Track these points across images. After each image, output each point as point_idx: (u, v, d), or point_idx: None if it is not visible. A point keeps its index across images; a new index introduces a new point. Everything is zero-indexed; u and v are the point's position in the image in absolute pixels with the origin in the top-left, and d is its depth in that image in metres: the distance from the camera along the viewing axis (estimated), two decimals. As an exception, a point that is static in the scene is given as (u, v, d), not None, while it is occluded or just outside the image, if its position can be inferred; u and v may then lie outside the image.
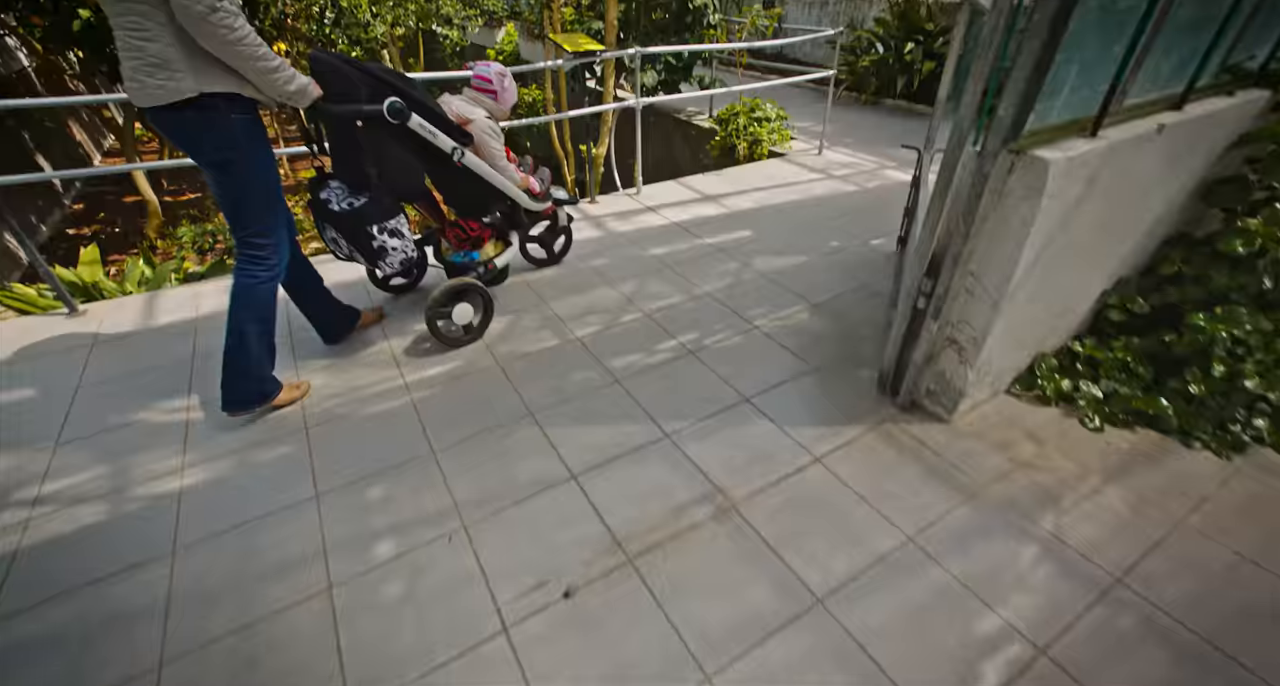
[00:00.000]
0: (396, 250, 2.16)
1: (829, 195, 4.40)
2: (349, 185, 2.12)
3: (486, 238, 2.67)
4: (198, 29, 1.44)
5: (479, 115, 2.36)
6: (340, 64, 1.95)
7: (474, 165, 2.29)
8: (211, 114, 1.61)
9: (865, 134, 6.05)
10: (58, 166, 8.61)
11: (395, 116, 1.95)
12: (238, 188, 1.79)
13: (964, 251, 1.81)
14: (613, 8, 4.19)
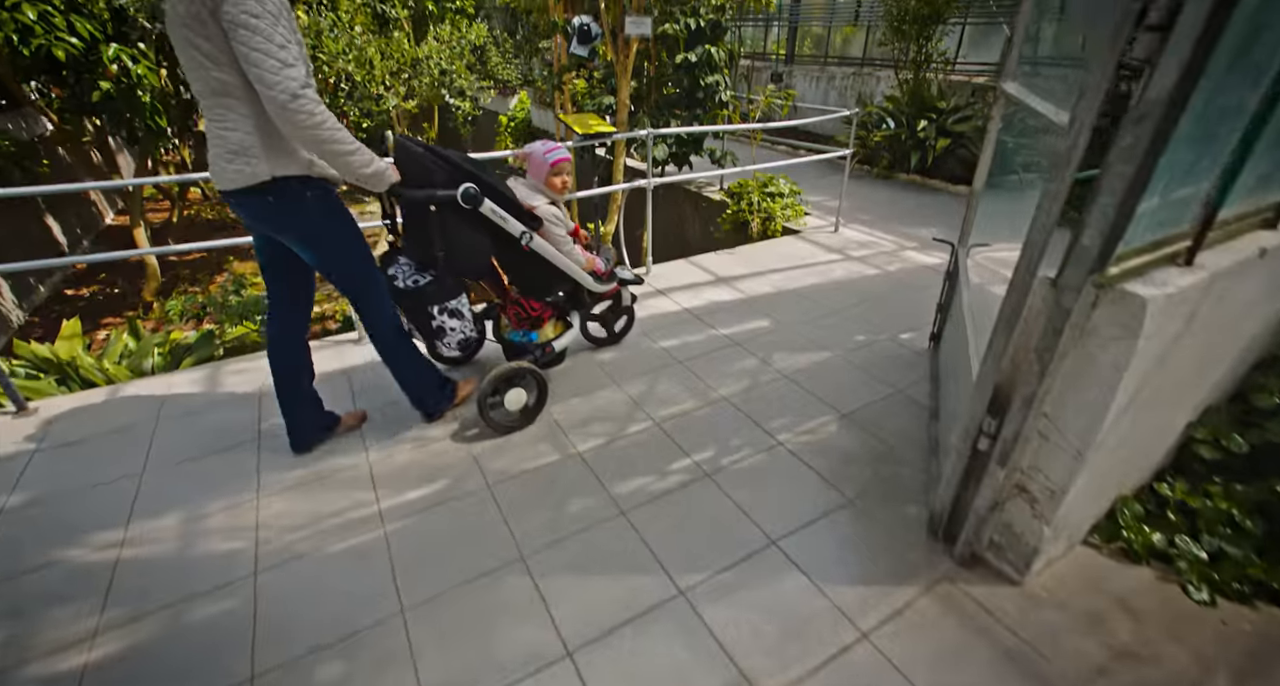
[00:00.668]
0: (455, 331, 2.18)
1: (849, 279, 4.18)
2: (417, 263, 2.16)
3: (547, 318, 2.63)
4: (280, 116, 1.50)
5: (541, 202, 2.38)
6: (418, 149, 2.00)
7: (541, 249, 2.30)
8: (285, 196, 1.69)
9: (881, 210, 5.92)
10: (68, 227, 8.64)
11: (468, 202, 1.98)
12: (328, 259, 1.88)
13: (1038, 392, 1.52)
14: (624, 86, 4.14)
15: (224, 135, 1.59)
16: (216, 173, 1.66)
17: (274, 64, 1.46)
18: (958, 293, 2.84)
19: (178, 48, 1.54)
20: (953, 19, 7.31)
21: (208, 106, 1.59)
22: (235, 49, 1.46)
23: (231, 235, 10.33)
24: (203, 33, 1.46)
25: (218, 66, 1.51)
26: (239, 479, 2.23)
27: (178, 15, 1.47)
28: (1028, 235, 1.48)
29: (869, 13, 9.51)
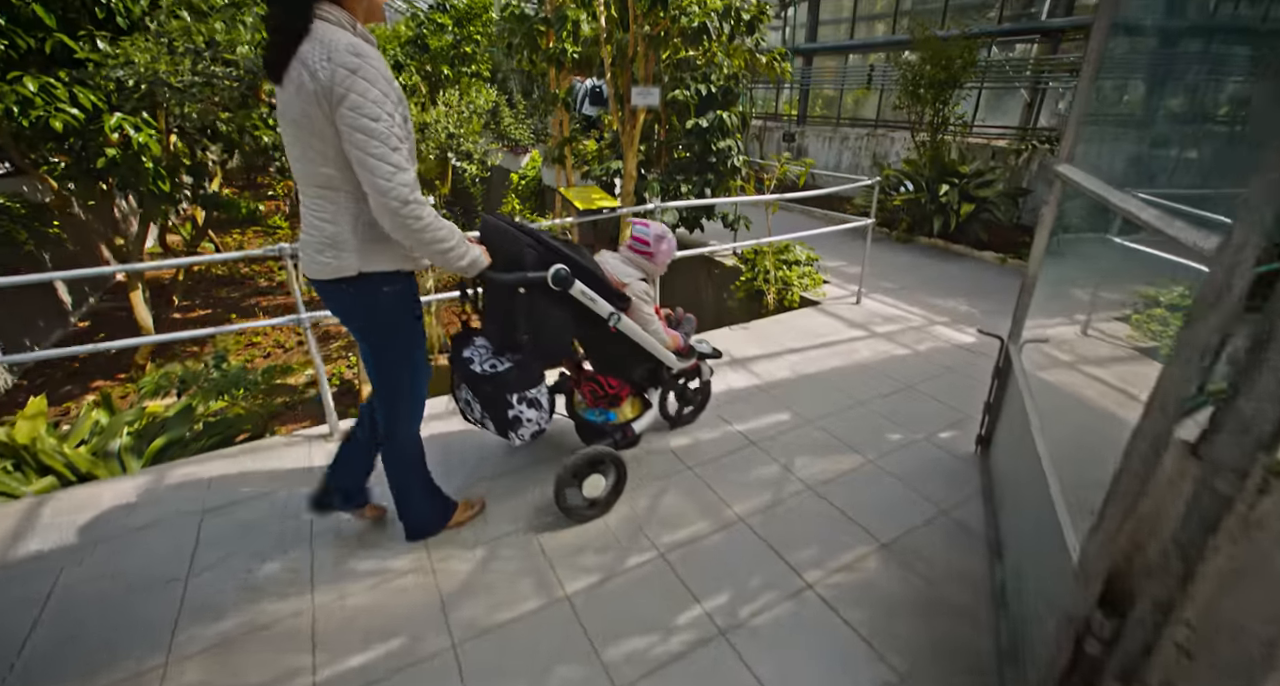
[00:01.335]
0: (531, 422, 2.05)
1: (875, 361, 3.80)
2: (495, 346, 2.08)
3: (625, 395, 2.47)
4: (390, 220, 1.49)
5: (634, 279, 2.30)
6: (508, 228, 1.94)
7: (628, 329, 2.20)
8: (366, 290, 1.67)
9: (903, 278, 5.60)
10: (76, 284, 8.58)
11: (559, 284, 1.89)
12: (382, 350, 1.81)
13: (1177, 597, 1.11)
14: (631, 156, 3.93)
15: (320, 226, 1.59)
16: (306, 260, 1.66)
17: (388, 170, 1.42)
18: (1011, 394, 2.46)
19: (287, 140, 1.54)
20: (969, 83, 7.20)
21: (307, 195, 1.59)
22: (348, 150, 1.43)
23: (241, 290, 10.30)
24: (316, 131, 1.44)
25: (326, 163, 1.49)
26: (148, 636, 1.83)
27: (291, 113, 1.45)
28: (1156, 386, 1.11)
29: (881, 76, 9.52)
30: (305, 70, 1.38)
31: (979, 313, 4.66)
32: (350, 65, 1.37)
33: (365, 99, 1.39)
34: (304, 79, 1.39)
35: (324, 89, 1.38)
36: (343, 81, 1.37)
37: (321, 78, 1.37)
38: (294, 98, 1.42)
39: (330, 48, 1.37)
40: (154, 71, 4.12)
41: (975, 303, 4.90)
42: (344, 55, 1.37)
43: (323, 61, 1.37)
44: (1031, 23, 7.32)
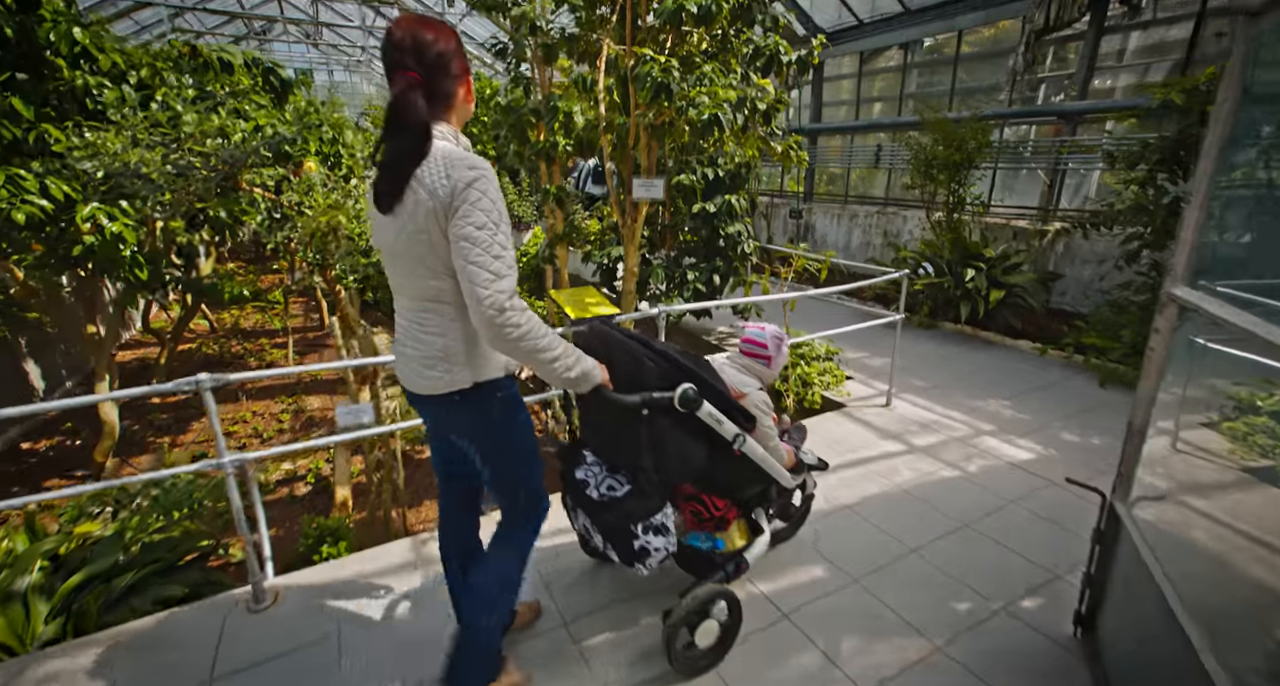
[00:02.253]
0: (659, 550, 1.87)
1: (919, 485, 3.22)
2: (608, 463, 1.97)
3: (732, 518, 2.22)
4: (487, 328, 1.41)
5: (752, 389, 2.14)
6: (621, 338, 1.80)
7: (752, 452, 1.98)
8: (480, 400, 1.61)
9: (934, 372, 5.08)
10: (51, 368, 8.20)
11: (686, 406, 1.71)
12: (496, 457, 1.70)
13: None
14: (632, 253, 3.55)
15: (429, 340, 1.55)
16: (410, 376, 1.60)
17: (487, 277, 1.38)
18: (1125, 565, 1.89)
19: (388, 258, 1.53)
20: (983, 163, 6.99)
21: (413, 309, 1.56)
22: (454, 261, 1.42)
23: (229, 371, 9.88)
24: (431, 245, 1.43)
25: (437, 276, 1.48)
26: None
27: (402, 234, 1.44)
28: None
29: (890, 156, 9.43)
30: (423, 189, 1.38)
31: (1029, 418, 4.10)
32: (468, 178, 1.38)
33: (476, 208, 1.38)
34: (421, 197, 1.38)
35: (443, 204, 1.38)
36: (460, 193, 1.38)
37: (441, 194, 1.37)
38: (407, 219, 1.41)
39: (449, 163, 1.39)
40: (124, 163, 3.86)
41: (1021, 404, 4.35)
42: (463, 169, 1.38)
43: (442, 178, 1.38)
44: (1048, 106, 7.20)
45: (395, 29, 1.42)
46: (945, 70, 8.60)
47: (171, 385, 2.08)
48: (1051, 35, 6.76)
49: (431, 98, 1.43)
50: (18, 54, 4.45)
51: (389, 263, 1.55)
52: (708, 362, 1.95)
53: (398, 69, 1.41)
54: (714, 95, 2.53)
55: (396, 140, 1.41)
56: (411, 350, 1.58)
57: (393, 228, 1.45)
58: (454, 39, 1.47)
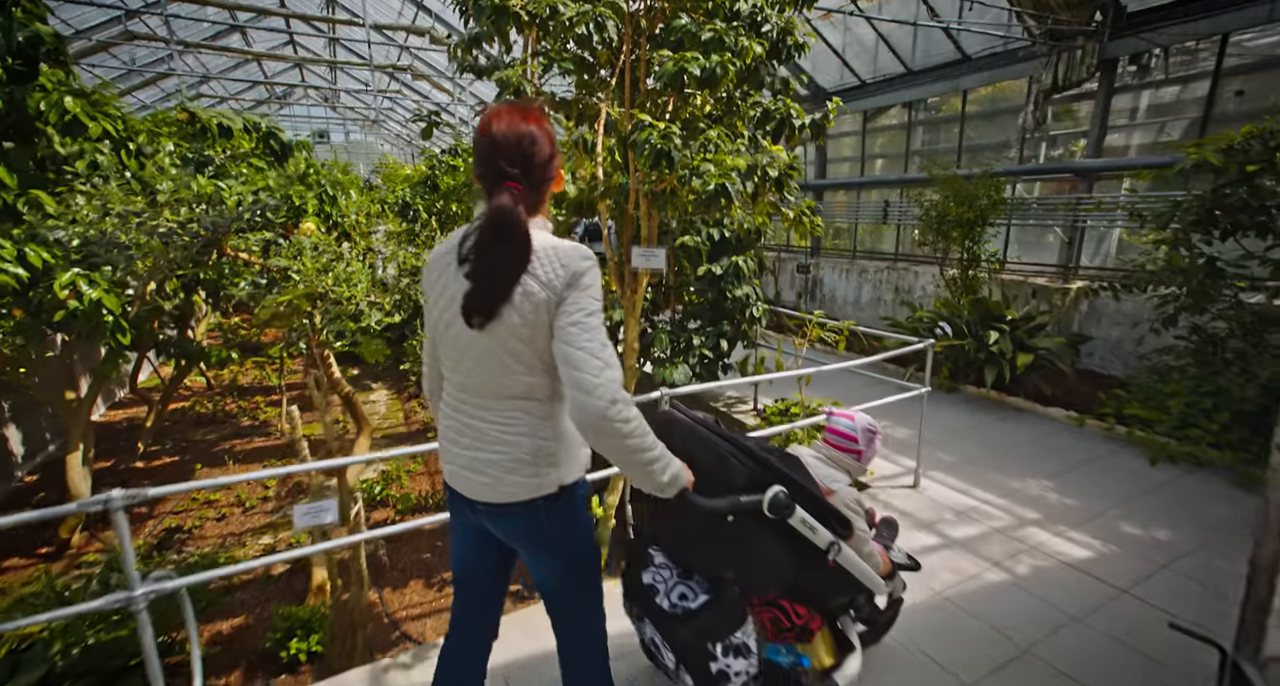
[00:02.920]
0: (740, 674, 1.66)
1: (962, 593, 2.79)
2: (681, 568, 1.77)
3: (815, 627, 1.94)
4: (593, 424, 1.27)
5: (841, 484, 1.99)
6: (705, 432, 1.62)
7: (847, 561, 1.76)
8: (562, 504, 1.46)
9: (962, 445, 4.68)
10: (34, 432, 7.91)
11: (777, 511, 1.52)
12: (561, 571, 1.54)
13: None
14: (633, 325, 3.25)
15: (512, 441, 1.40)
16: (478, 484, 1.43)
17: (597, 365, 1.27)
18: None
19: (474, 356, 1.38)
20: (997, 220, 6.79)
21: (487, 407, 1.41)
22: (557, 349, 1.31)
23: (220, 430, 9.60)
24: (530, 339, 1.33)
25: (532, 371, 1.37)
26: None
27: (504, 325, 1.32)
28: None
29: (899, 212, 9.30)
30: (535, 281, 1.31)
31: (1077, 503, 3.68)
32: (584, 267, 1.33)
33: (587, 294, 1.33)
34: (532, 289, 1.31)
35: (557, 294, 1.31)
36: (573, 281, 1.32)
37: (557, 284, 1.31)
38: (511, 313, 1.31)
39: (560, 252, 1.33)
40: (99, 231, 3.68)
41: (1066, 486, 3.93)
42: (578, 259, 1.33)
43: (557, 267, 1.31)
44: (1066, 163, 7.05)
45: (498, 125, 1.32)
46: (951, 128, 8.56)
47: (76, 505, 1.75)
48: (1060, 94, 6.68)
49: (531, 200, 1.37)
50: (7, 124, 4.39)
51: (459, 356, 1.39)
52: (797, 460, 1.78)
53: (501, 177, 1.32)
54: (720, 163, 2.31)
55: (498, 255, 1.31)
56: (489, 453, 1.42)
57: (493, 325, 1.34)
58: (552, 134, 1.41)
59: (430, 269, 1.42)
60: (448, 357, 1.43)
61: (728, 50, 2.31)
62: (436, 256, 1.44)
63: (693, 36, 2.33)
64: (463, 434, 1.45)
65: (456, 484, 1.49)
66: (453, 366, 1.43)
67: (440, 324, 1.42)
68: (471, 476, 1.45)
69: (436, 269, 1.42)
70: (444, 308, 1.39)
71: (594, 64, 3.00)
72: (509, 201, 1.30)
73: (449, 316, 1.39)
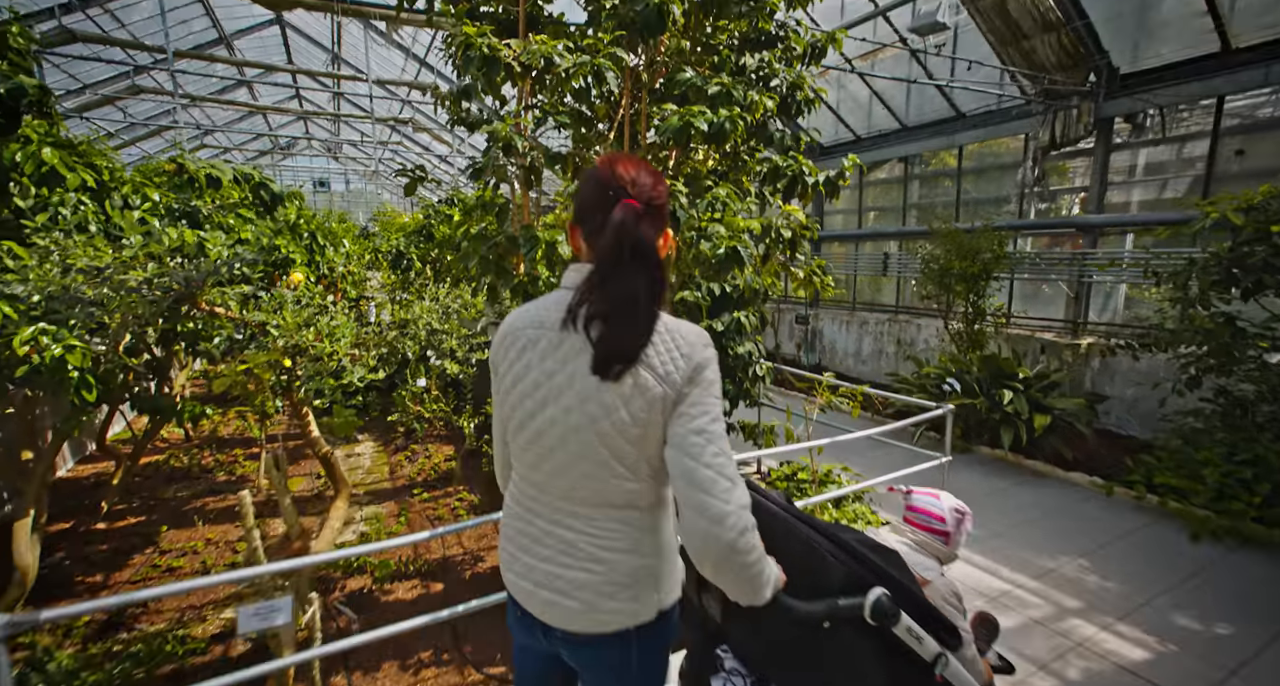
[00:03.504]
0: None
1: (1012, 706, 2.42)
2: (754, 676, 1.59)
3: None
4: (719, 552, 1.08)
5: (934, 573, 1.73)
6: (791, 520, 1.43)
7: (955, 676, 1.46)
8: (657, 632, 1.27)
9: (986, 515, 4.34)
10: (-5, 487, 7.44)
11: (880, 619, 1.30)
12: None
13: None
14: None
15: (614, 560, 1.19)
16: (575, 611, 1.20)
17: (725, 486, 1.08)
18: None
19: (568, 453, 1.16)
20: (1001, 274, 6.68)
21: (584, 515, 1.20)
22: (675, 461, 1.11)
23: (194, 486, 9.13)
24: (637, 438, 1.13)
25: (636, 477, 1.16)
26: None
27: (609, 420, 1.11)
28: None
29: (899, 264, 9.23)
30: (649, 371, 1.10)
31: (1121, 587, 3.34)
32: (707, 357, 1.14)
33: (710, 394, 1.13)
34: (645, 381, 1.10)
35: (675, 389, 1.11)
36: (695, 376, 1.11)
37: (677, 377, 1.11)
38: (618, 404, 1.10)
39: (679, 339, 1.13)
40: (61, 286, 3.46)
41: (1105, 565, 3.59)
42: (700, 346, 1.14)
43: (676, 356, 1.11)
44: (1067, 219, 7.02)
45: (620, 165, 1.17)
46: (949, 182, 8.60)
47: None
48: (1058, 151, 6.70)
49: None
50: (-19, 175, 4.24)
51: (543, 452, 1.19)
52: (896, 555, 1.56)
53: (621, 197, 1.14)
54: (731, 224, 2.13)
55: (632, 275, 1.11)
56: (581, 572, 1.21)
57: (577, 412, 1.14)
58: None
59: (507, 342, 1.21)
60: (527, 452, 1.22)
61: (736, 104, 2.17)
62: (515, 328, 1.22)
63: (698, 90, 2.19)
64: (541, 543, 1.24)
65: (531, 605, 1.26)
66: (533, 463, 1.22)
67: (520, 412, 1.20)
68: (555, 599, 1.23)
69: (518, 343, 1.20)
70: (528, 392, 1.17)
71: (591, 118, 2.87)
72: (632, 216, 1.11)
73: (533, 402, 1.18)
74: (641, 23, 1.98)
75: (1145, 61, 6.01)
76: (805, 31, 2.78)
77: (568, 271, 1.21)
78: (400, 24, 8.58)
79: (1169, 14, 5.64)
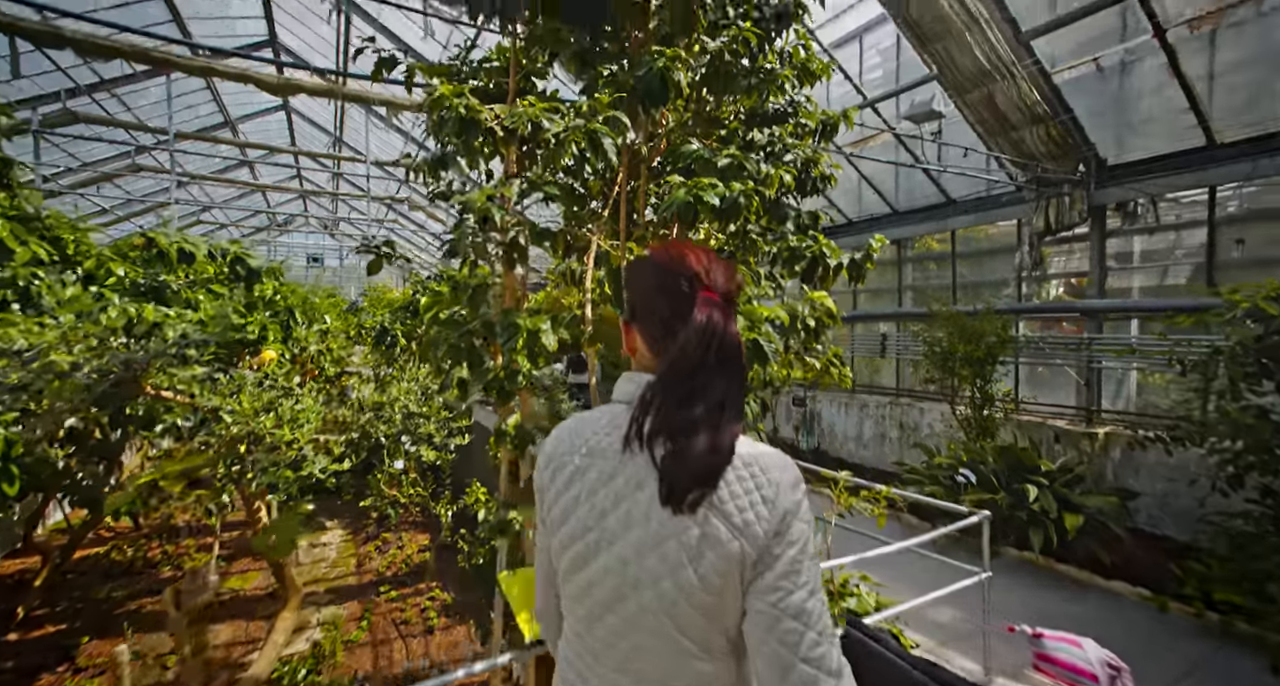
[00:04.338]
0: None
1: None
2: None
3: None
4: None
5: None
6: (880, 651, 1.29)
7: None
8: None
9: (1023, 632, 3.80)
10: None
11: None
12: None
13: None
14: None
15: None
16: None
17: (818, 645, 0.89)
18: None
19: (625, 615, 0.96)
20: (1006, 358, 6.45)
21: (662, 671, 0.99)
22: (760, 645, 0.91)
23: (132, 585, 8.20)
24: (709, 607, 0.92)
25: (708, 654, 0.95)
26: None
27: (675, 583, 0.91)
28: None
29: (896, 346, 9.05)
30: (725, 523, 0.90)
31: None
32: (793, 502, 0.93)
33: (806, 555, 0.92)
34: (718, 534, 0.89)
35: (756, 549, 0.90)
36: (783, 529, 0.91)
37: (758, 532, 0.90)
38: (683, 563, 0.90)
39: (763, 475, 0.93)
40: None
41: None
42: (787, 487, 0.93)
43: (755, 505, 0.91)
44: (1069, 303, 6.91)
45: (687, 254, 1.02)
46: (944, 264, 8.59)
47: None
48: (1054, 236, 6.69)
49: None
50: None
51: (598, 609, 0.99)
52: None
53: (699, 290, 0.99)
54: (751, 314, 1.86)
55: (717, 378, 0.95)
56: None
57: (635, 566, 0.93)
58: None
59: (552, 466, 1.03)
60: (577, 606, 1.02)
61: (750, 178, 1.96)
62: (559, 452, 1.04)
63: (706, 163, 1.99)
64: None
65: None
66: (584, 621, 1.02)
67: (570, 557, 0.99)
68: None
69: (564, 471, 1.01)
70: (576, 533, 0.97)
71: (585, 194, 2.65)
72: (718, 313, 0.97)
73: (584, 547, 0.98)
74: (644, 90, 1.79)
75: (1132, 154, 6.12)
76: (815, 108, 2.66)
77: (621, 382, 1.03)
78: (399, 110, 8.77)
79: (1151, 111, 5.79)
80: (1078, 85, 5.93)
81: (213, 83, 11.79)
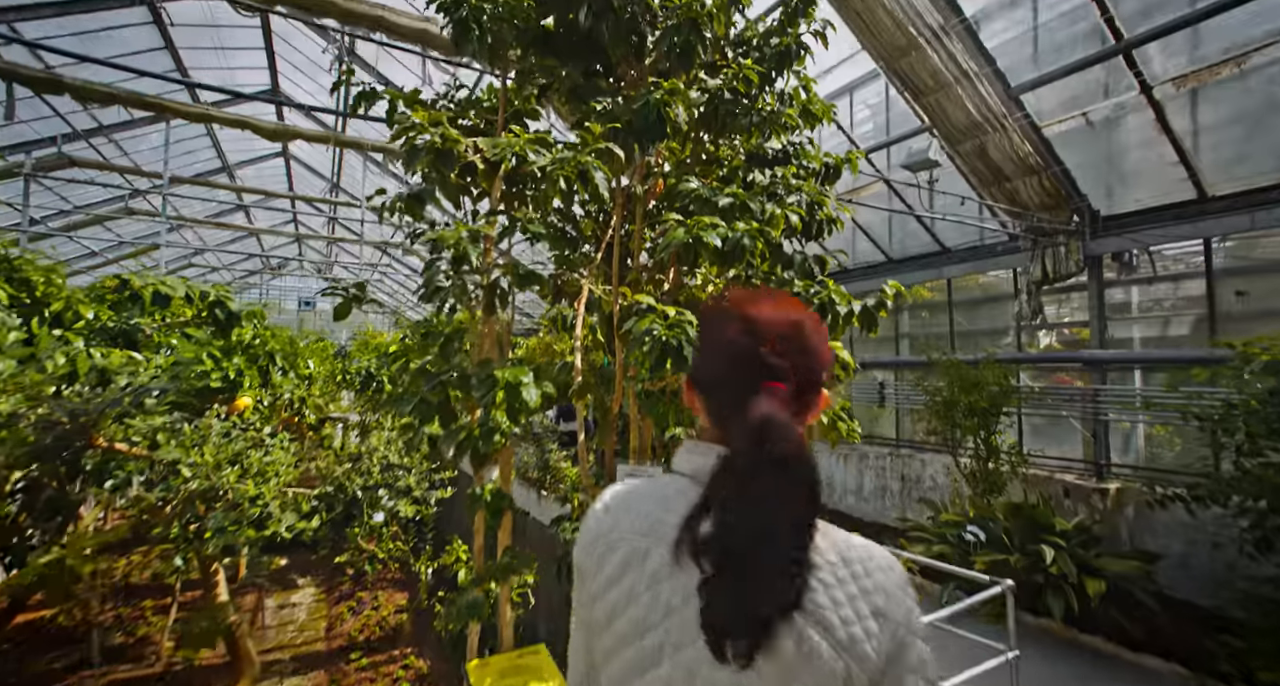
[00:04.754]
0: None
1: None
2: None
3: None
4: None
5: None
6: None
7: None
8: None
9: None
10: None
11: None
12: None
13: None
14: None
15: None
16: None
17: None
18: None
19: None
20: (1009, 409, 6.27)
21: None
22: None
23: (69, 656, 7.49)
24: None
25: None
26: None
27: None
28: None
29: (894, 394, 8.86)
30: (827, 638, 0.73)
31: None
32: (909, 611, 0.78)
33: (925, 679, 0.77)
34: (819, 649, 0.73)
35: (868, 672, 0.74)
36: (901, 651, 0.75)
37: (869, 650, 0.74)
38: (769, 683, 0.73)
39: (869, 580, 0.78)
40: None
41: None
42: (902, 594, 0.78)
43: (863, 613, 0.75)
44: (1072, 353, 6.80)
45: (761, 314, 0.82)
46: (941, 312, 8.52)
47: None
48: (1051, 286, 6.64)
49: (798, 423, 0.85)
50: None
51: None
52: None
53: (764, 377, 0.79)
54: None
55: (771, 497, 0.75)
56: None
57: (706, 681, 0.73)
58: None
59: (600, 547, 0.82)
60: None
61: (753, 218, 1.82)
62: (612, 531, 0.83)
63: (705, 202, 1.85)
64: None
65: None
66: None
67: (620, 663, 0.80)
68: None
69: (616, 553, 0.82)
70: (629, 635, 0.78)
71: (576, 237, 2.51)
72: (779, 412, 0.77)
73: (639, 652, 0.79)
74: (639, 126, 1.67)
75: (1124, 205, 6.14)
76: (817, 150, 2.57)
77: (681, 452, 0.85)
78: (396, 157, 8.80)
79: (1142, 164, 5.85)
80: (1068, 138, 6.00)
81: (212, 129, 11.92)
